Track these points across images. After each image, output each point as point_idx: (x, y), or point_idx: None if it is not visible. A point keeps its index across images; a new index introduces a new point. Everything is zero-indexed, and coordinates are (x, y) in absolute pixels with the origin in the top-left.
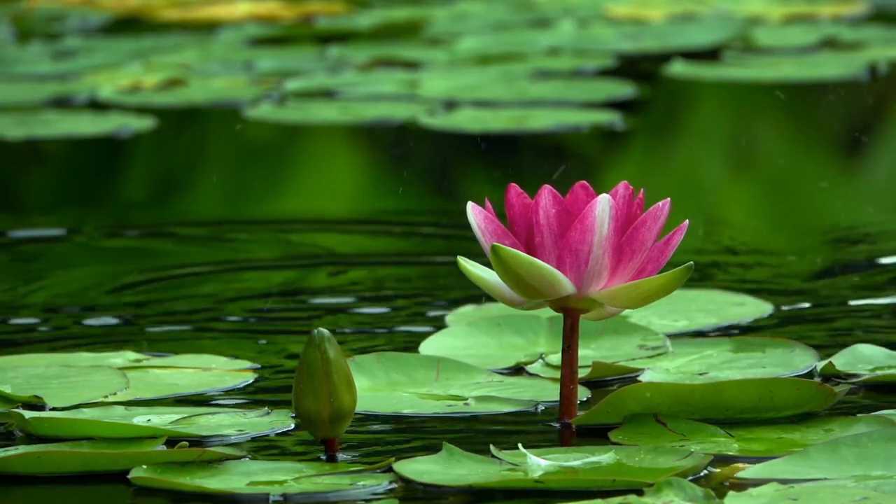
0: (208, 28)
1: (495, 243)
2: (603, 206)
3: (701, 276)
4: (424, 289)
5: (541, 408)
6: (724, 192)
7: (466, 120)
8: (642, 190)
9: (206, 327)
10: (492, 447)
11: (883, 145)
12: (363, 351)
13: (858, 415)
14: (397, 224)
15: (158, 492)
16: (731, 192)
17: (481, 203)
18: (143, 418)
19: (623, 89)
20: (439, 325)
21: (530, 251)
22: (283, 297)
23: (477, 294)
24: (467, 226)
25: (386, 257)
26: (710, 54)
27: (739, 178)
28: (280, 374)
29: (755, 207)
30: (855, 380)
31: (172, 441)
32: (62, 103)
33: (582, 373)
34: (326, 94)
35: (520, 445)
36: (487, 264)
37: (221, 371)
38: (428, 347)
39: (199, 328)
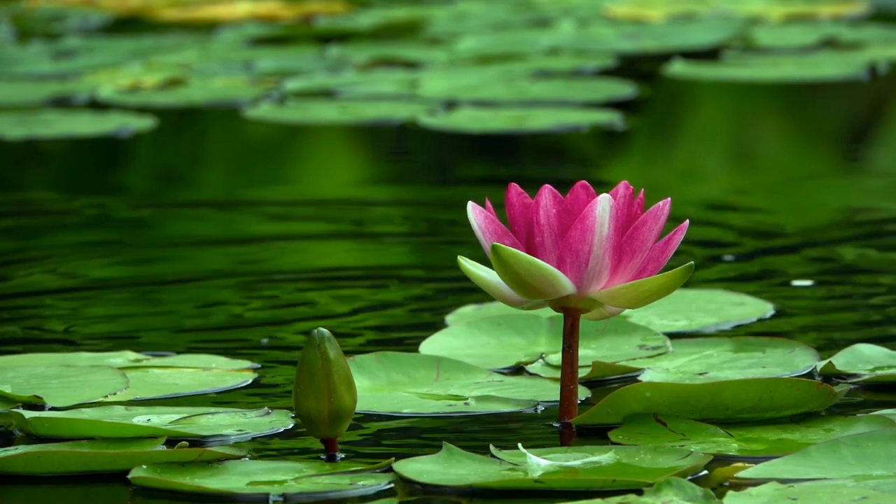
0: (208, 28)
1: (495, 243)
2: (603, 205)
3: (701, 276)
4: (425, 288)
5: (541, 408)
6: (723, 192)
7: (466, 120)
8: (642, 190)
9: (205, 328)
10: (492, 447)
11: (883, 145)
12: (363, 351)
13: (858, 415)
14: (397, 223)
15: (158, 492)
16: (731, 192)
17: (481, 202)
18: (143, 418)
19: (623, 89)
20: (439, 325)
21: (530, 251)
22: (283, 296)
23: (477, 294)
24: (468, 225)
25: (385, 256)
26: (710, 54)
27: (739, 178)
28: (280, 373)
29: (755, 207)
30: (855, 380)
31: (172, 441)
32: (62, 103)
33: (582, 373)
34: (326, 94)
35: (520, 445)
36: (488, 264)
37: (221, 371)
38: (428, 347)
39: (199, 328)
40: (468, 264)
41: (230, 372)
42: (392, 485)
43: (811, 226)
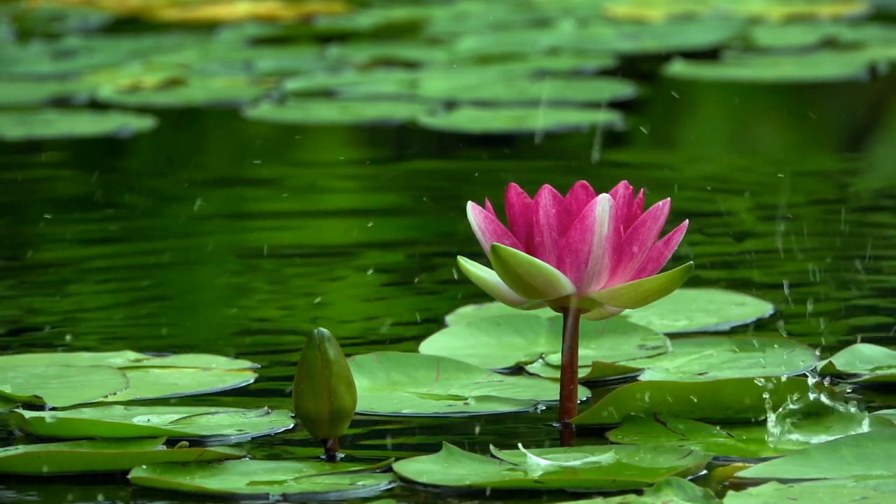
0: (208, 28)
1: (495, 243)
2: (603, 205)
3: (701, 276)
4: (425, 288)
5: (541, 408)
6: (723, 192)
7: (466, 120)
8: (642, 190)
9: (204, 328)
10: (492, 447)
11: (883, 144)
12: (363, 351)
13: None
14: (397, 222)
15: (158, 492)
16: (731, 192)
17: (481, 202)
18: (143, 418)
19: (623, 89)
20: (439, 325)
21: (530, 251)
22: (282, 297)
23: (477, 294)
24: (468, 225)
25: (385, 256)
26: (710, 54)
27: (739, 178)
28: (280, 374)
29: (755, 207)
30: (855, 380)
31: (172, 441)
32: (62, 103)
33: (582, 373)
34: (326, 94)
35: (520, 445)
36: (488, 264)
37: (221, 371)
38: (428, 347)
39: (198, 329)
40: (468, 264)
41: (230, 372)
42: (392, 485)
43: (811, 225)
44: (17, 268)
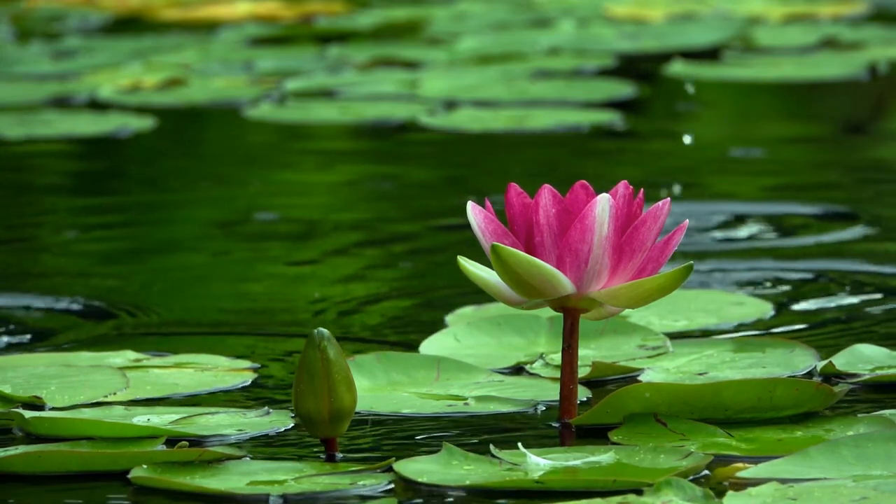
0: (208, 28)
1: (495, 243)
2: (603, 205)
3: (701, 277)
4: (425, 288)
5: (541, 408)
6: (722, 192)
7: (466, 120)
8: (642, 190)
9: (205, 327)
10: (492, 447)
11: (883, 145)
12: (363, 351)
13: (858, 415)
14: (396, 224)
15: (158, 492)
16: (730, 192)
17: (481, 202)
18: (143, 418)
19: (623, 89)
20: (439, 325)
21: (530, 251)
22: (283, 297)
23: (477, 294)
24: (468, 225)
25: (385, 256)
26: (710, 54)
27: (738, 178)
28: (280, 373)
29: (754, 207)
30: (855, 380)
31: (172, 441)
32: (62, 103)
33: (582, 373)
34: (326, 94)
35: (520, 445)
36: (488, 264)
37: (221, 371)
38: (428, 347)
39: (199, 328)
40: (468, 264)
41: (230, 372)
42: (392, 485)
43: (810, 225)
44: (15, 264)
